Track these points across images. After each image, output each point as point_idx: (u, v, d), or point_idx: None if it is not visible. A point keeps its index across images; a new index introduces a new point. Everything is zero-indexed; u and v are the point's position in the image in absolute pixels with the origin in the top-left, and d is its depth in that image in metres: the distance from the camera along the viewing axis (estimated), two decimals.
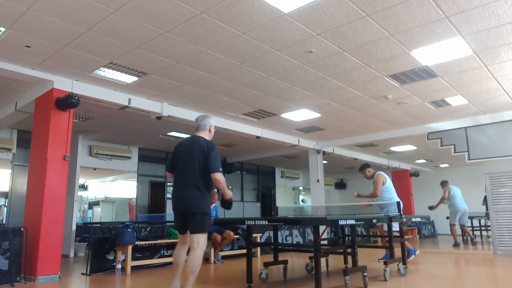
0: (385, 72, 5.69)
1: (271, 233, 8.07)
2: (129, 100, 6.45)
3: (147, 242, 6.07)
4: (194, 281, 3.38)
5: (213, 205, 6.88)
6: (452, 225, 8.80)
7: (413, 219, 5.80)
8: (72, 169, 8.18)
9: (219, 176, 3.50)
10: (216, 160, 3.54)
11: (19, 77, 5.47)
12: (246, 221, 4.32)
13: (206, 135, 3.79)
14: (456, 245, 8.57)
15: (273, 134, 9.27)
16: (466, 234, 9.42)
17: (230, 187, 3.80)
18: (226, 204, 3.73)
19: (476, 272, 5.23)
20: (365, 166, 6.48)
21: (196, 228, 3.47)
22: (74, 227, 8.41)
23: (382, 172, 6.33)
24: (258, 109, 7.45)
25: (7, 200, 8.27)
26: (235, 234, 7.10)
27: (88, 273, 5.50)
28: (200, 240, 3.46)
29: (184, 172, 3.58)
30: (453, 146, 8.27)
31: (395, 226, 5.58)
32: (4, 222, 8.08)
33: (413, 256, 6.07)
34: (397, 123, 8.58)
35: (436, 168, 13.73)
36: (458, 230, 9.04)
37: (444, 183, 9.22)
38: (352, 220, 3.99)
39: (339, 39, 4.63)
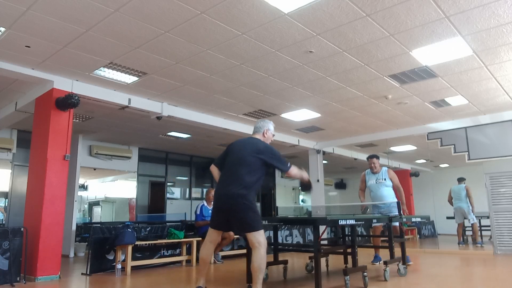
0: (385, 72, 5.69)
1: (271, 233, 8.06)
2: (129, 100, 6.45)
3: (147, 242, 6.07)
4: (262, 278, 3.38)
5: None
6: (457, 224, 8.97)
7: (413, 219, 5.80)
8: (72, 169, 8.17)
9: (292, 172, 3.67)
10: (280, 159, 3.65)
11: (19, 77, 5.47)
12: None
13: (261, 137, 3.84)
14: (459, 243, 8.66)
15: None
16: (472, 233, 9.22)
17: (302, 168, 3.89)
18: (306, 187, 3.82)
19: (476, 272, 5.23)
20: (376, 156, 6.16)
21: (251, 226, 3.42)
22: (74, 227, 8.41)
23: None
24: (258, 109, 7.45)
25: (7, 200, 8.27)
26: (235, 234, 7.09)
27: (88, 273, 5.49)
28: (260, 239, 3.40)
29: (233, 170, 3.55)
30: (453, 146, 8.27)
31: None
32: (3, 222, 8.09)
33: (378, 263, 6.03)
34: (397, 123, 8.59)
35: (436, 168, 13.73)
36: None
37: (459, 180, 9.22)
38: (352, 220, 3.99)
39: (339, 39, 4.63)
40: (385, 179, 6.00)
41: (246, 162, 3.52)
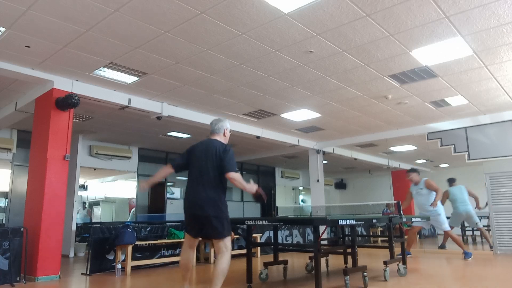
0: (385, 72, 5.69)
1: (271, 233, 8.07)
2: (129, 100, 6.45)
3: (147, 242, 6.07)
4: (222, 281, 3.41)
5: None
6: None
7: (413, 219, 5.80)
8: (72, 169, 8.17)
9: (233, 175, 3.43)
10: (230, 160, 3.49)
11: (19, 77, 5.47)
12: (246, 221, 4.32)
13: (222, 138, 3.76)
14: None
15: (273, 134, 9.26)
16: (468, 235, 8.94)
17: (251, 180, 3.70)
18: (257, 198, 3.63)
19: (476, 272, 5.23)
20: (412, 170, 7.02)
21: (222, 233, 3.45)
22: (74, 227, 8.41)
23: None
24: (258, 109, 7.45)
25: (7, 200, 8.27)
26: (235, 234, 7.09)
27: (88, 273, 5.50)
28: (228, 244, 3.48)
29: (202, 175, 3.53)
30: (453, 146, 8.27)
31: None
32: (3, 222, 8.09)
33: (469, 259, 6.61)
34: (397, 123, 8.58)
35: (436, 168, 13.73)
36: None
37: (452, 181, 8.62)
38: (352, 220, 3.99)
39: (339, 39, 4.63)
40: (421, 189, 6.83)
41: (211, 165, 3.51)
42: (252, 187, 3.58)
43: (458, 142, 8.21)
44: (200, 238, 3.76)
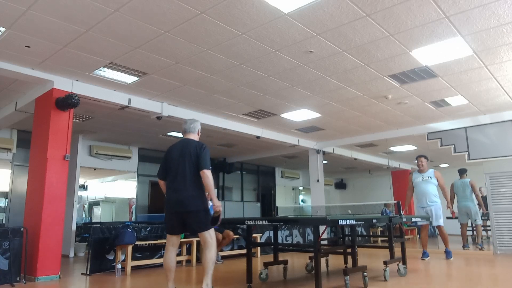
0: (385, 72, 5.69)
1: (271, 233, 8.07)
2: (129, 100, 6.45)
3: (147, 242, 6.07)
4: (213, 269, 3.57)
5: (210, 204, 6.90)
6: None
7: (413, 219, 5.80)
8: (72, 169, 8.17)
9: (207, 172, 3.63)
10: (206, 158, 3.71)
11: (19, 77, 5.47)
12: (246, 221, 4.32)
13: (196, 137, 4.02)
14: (464, 246, 8.14)
15: (273, 134, 9.27)
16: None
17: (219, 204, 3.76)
18: (214, 219, 3.64)
19: (476, 272, 5.23)
20: (424, 156, 6.89)
21: (204, 226, 3.62)
22: (74, 227, 8.41)
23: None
24: (258, 109, 7.45)
25: (7, 200, 8.27)
26: (235, 234, 7.09)
27: (88, 273, 5.50)
28: (213, 236, 3.63)
29: (180, 173, 3.71)
30: (453, 146, 8.27)
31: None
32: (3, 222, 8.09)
33: (427, 259, 6.60)
34: (397, 123, 8.59)
35: (436, 168, 13.69)
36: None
37: (461, 173, 8.49)
38: (352, 220, 3.99)
39: (339, 39, 4.63)
40: (430, 177, 6.72)
41: (189, 163, 3.68)
42: (219, 204, 3.67)
43: (458, 142, 8.21)
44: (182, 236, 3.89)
